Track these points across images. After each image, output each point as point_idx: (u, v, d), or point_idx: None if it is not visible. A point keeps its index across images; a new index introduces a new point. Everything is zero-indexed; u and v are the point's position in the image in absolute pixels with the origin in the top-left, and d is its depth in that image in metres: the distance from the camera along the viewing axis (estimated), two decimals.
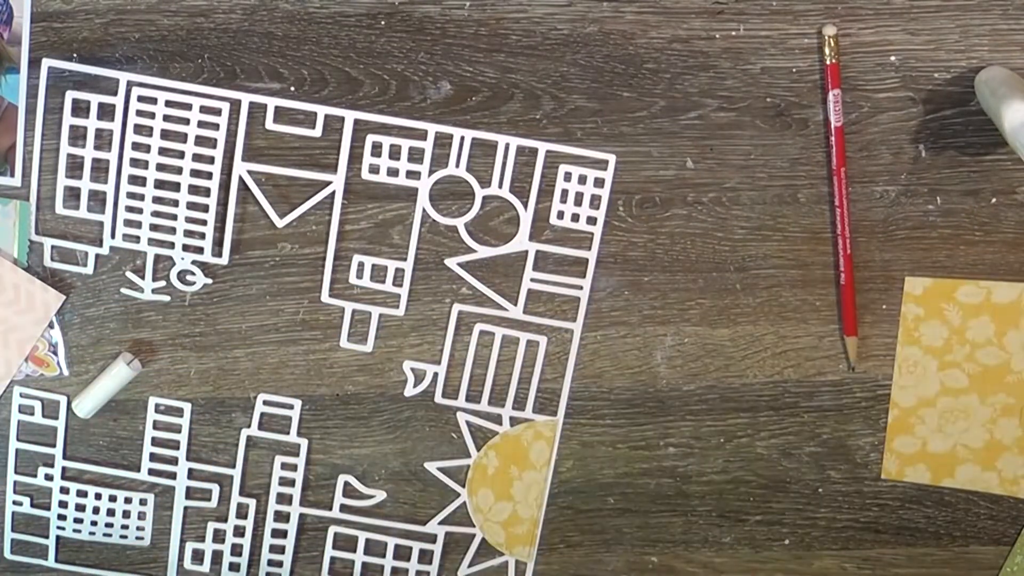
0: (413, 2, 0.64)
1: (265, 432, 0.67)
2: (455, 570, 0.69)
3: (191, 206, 0.65)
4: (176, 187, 0.64)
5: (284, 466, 0.68)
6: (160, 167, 0.64)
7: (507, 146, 0.65)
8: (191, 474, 0.67)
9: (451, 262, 0.66)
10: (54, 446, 0.67)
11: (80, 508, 0.67)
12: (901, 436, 0.68)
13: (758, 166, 0.66)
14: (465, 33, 0.64)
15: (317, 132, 0.64)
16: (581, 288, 0.66)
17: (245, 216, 0.66)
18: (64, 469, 0.67)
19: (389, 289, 0.66)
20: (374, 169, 0.65)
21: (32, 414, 0.67)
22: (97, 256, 0.65)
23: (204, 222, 0.65)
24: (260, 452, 0.68)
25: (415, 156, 0.65)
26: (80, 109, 0.64)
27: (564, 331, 0.67)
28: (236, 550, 0.68)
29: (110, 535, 0.68)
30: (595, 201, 0.65)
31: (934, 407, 0.68)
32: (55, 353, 0.66)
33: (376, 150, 0.65)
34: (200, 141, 0.64)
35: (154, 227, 0.65)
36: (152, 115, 0.64)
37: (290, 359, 0.67)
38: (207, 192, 0.65)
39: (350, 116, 0.64)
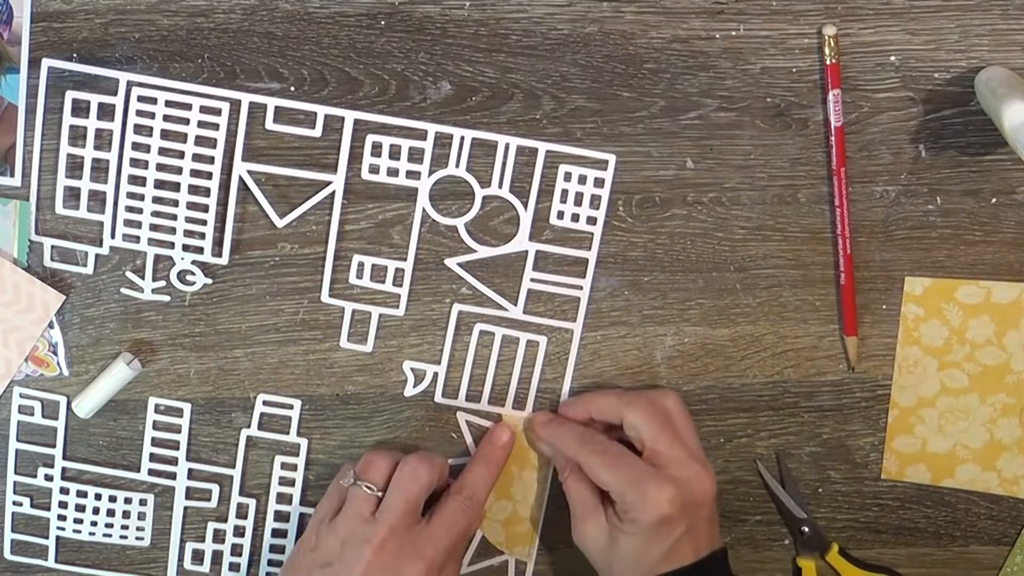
0: (413, 2, 0.64)
1: (265, 432, 0.67)
2: None
3: (191, 206, 0.65)
4: (176, 187, 0.64)
5: (284, 466, 0.68)
6: (160, 167, 0.64)
7: (507, 146, 0.65)
8: (191, 474, 0.67)
9: (451, 262, 0.66)
10: (54, 446, 0.67)
11: (80, 508, 0.67)
12: (901, 436, 0.68)
13: (758, 166, 0.66)
14: (465, 33, 0.64)
15: (317, 132, 0.64)
16: (581, 288, 0.66)
17: (245, 216, 0.66)
18: (64, 469, 0.67)
19: (389, 289, 0.66)
20: (374, 169, 0.65)
21: (32, 414, 0.67)
22: (97, 256, 0.65)
23: (204, 222, 0.65)
24: (260, 452, 0.68)
25: (415, 156, 0.65)
26: (80, 109, 0.64)
27: (564, 331, 0.67)
28: (236, 550, 0.68)
29: (110, 535, 0.68)
30: (595, 201, 0.66)
31: (934, 407, 0.68)
32: (55, 353, 0.66)
33: (376, 150, 0.65)
34: (200, 141, 0.64)
35: (154, 227, 0.65)
36: (152, 115, 0.64)
37: (290, 359, 0.67)
38: (207, 192, 0.65)
39: (350, 116, 0.64)
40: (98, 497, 0.67)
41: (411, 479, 0.61)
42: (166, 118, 0.64)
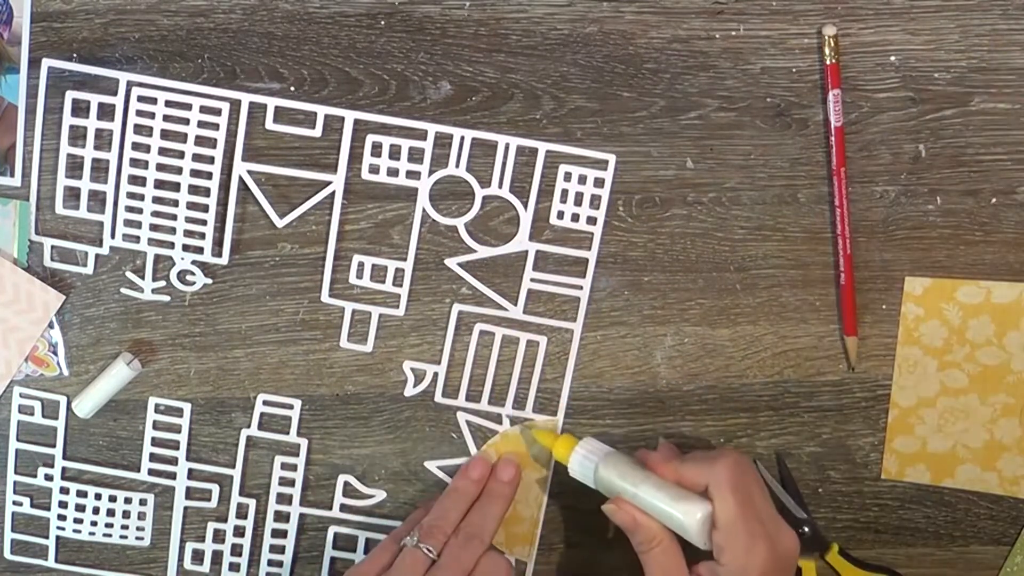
0: (413, 2, 0.64)
1: (265, 432, 0.67)
2: None
3: (191, 206, 0.65)
4: (176, 187, 0.64)
5: (284, 466, 0.68)
6: (160, 167, 0.64)
7: (507, 146, 0.65)
8: (191, 474, 0.67)
9: (451, 262, 0.66)
10: (54, 446, 0.67)
11: (80, 508, 0.67)
12: (901, 436, 0.68)
13: (758, 166, 0.66)
14: (465, 33, 0.64)
15: (317, 132, 0.64)
16: (581, 288, 0.66)
17: (245, 216, 0.66)
18: (64, 469, 0.67)
19: (389, 289, 0.66)
20: (374, 169, 0.65)
21: (32, 414, 0.67)
22: (97, 256, 0.65)
23: (204, 222, 0.65)
24: (260, 452, 0.68)
25: (415, 156, 0.65)
26: (80, 109, 0.64)
27: (564, 331, 0.67)
28: (236, 550, 0.68)
29: (110, 535, 0.68)
30: (595, 201, 0.66)
31: (934, 407, 0.68)
32: (55, 353, 0.66)
33: (376, 150, 0.65)
34: (200, 141, 0.64)
35: (154, 227, 0.65)
36: (152, 115, 0.64)
37: (290, 359, 0.67)
38: (207, 192, 0.65)
39: (350, 116, 0.64)
40: (98, 497, 0.67)
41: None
42: (166, 118, 0.64)
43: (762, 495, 0.60)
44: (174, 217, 0.65)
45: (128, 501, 0.68)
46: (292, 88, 0.64)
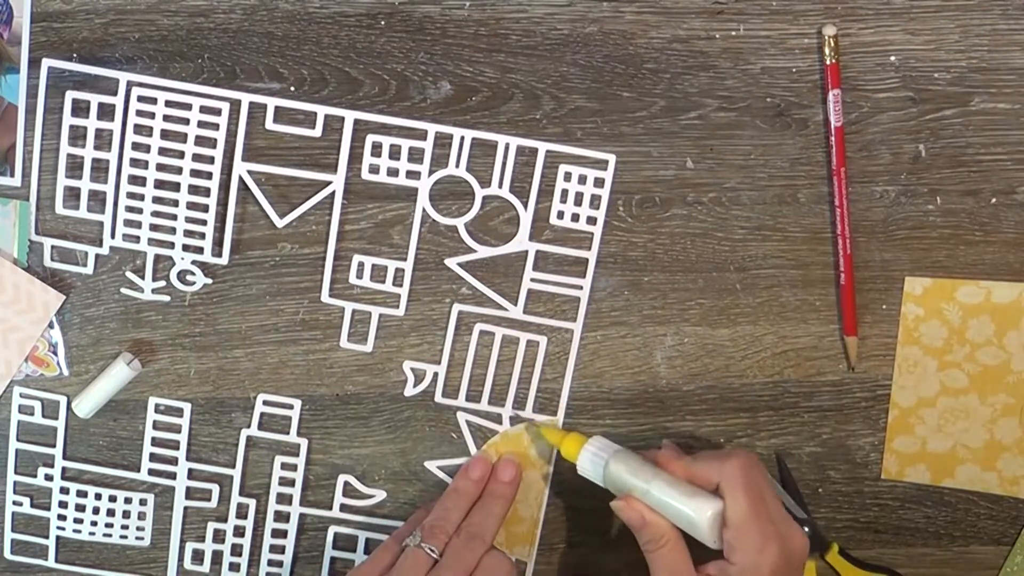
0: (413, 2, 0.64)
1: (265, 432, 0.67)
2: None
3: (191, 206, 0.65)
4: (176, 187, 0.64)
5: (284, 466, 0.68)
6: (160, 167, 0.64)
7: (507, 146, 0.65)
8: (191, 474, 0.67)
9: (451, 262, 0.66)
10: (54, 446, 0.67)
11: (80, 508, 0.67)
12: (901, 436, 0.68)
13: (758, 166, 0.66)
14: (465, 33, 0.65)
15: (317, 132, 0.64)
16: (581, 288, 0.66)
17: (245, 216, 0.66)
18: (64, 469, 0.67)
19: (389, 289, 0.66)
20: (374, 169, 0.65)
21: (32, 414, 0.67)
22: (97, 256, 0.65)
23: (204, 222, 0.65)
24: (260, 452, 0.68)
25: (415, 156, 0.65)
26: (80, 109, 0.64)
27: (564, 331, 0.67)
28: (236, 550, 0.68)
29: (110, 535, 0.68)
30: (595, 201, 0.66)
31: (934, 407, 0.68)
32: (55, 353, 0.66)
33: (376, 150, 0.65)
34: (200, 141, 0.64)
35: (154, 227, 0.65)
36: (152, 115, 0.64)
37: (290, 359, 0.67)
38: (207, 192, 0.65)
39: (350, 116, 0.64)
40: (98, 497, 0.67)
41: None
42: (166, 118, 0.64)
43: (772, 494, 0.60)
44: (174, 217, 0.65)
45: (128, 501, 0.68)
46: (292, 88, 0.64)
